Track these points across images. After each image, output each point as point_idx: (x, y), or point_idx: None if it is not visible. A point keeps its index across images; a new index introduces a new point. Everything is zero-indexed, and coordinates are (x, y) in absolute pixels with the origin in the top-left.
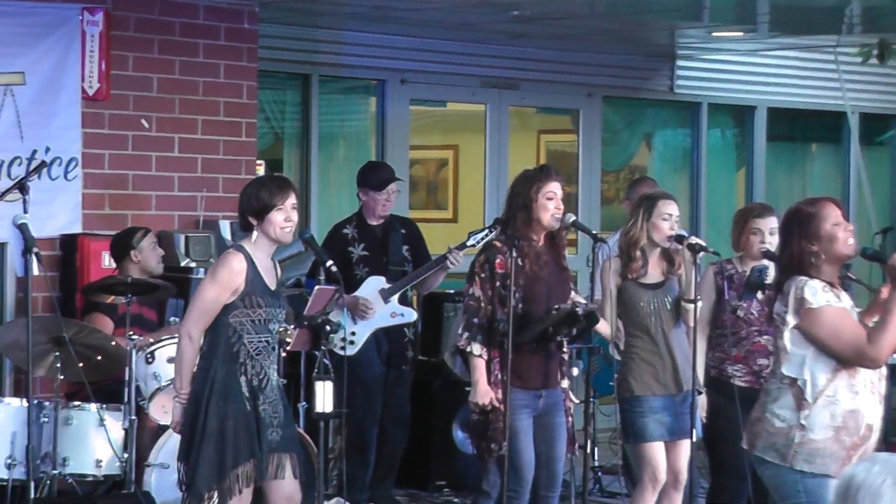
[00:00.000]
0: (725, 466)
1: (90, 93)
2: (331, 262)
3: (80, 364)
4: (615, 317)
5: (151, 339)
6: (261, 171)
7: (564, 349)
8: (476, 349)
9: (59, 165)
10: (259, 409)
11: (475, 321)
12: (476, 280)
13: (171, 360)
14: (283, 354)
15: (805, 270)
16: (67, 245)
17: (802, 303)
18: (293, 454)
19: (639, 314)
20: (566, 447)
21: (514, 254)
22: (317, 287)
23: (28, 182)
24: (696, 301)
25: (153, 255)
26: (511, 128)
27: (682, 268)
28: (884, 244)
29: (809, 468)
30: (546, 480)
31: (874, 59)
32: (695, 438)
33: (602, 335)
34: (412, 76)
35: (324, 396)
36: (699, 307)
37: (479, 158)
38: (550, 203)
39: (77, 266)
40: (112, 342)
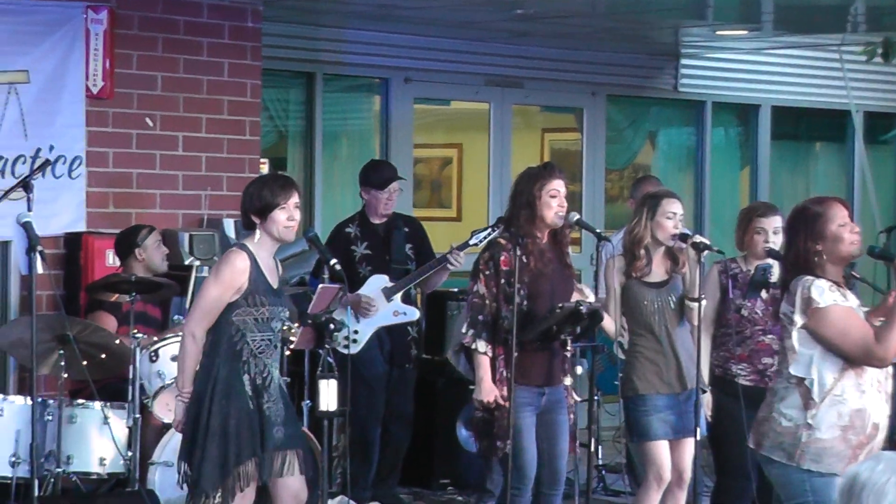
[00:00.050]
0: (730, 465)
1: (94, 91)
2: (335, 261)
3: (84, 362)
4: (619, 315)
5: (156, 339)
6: (265, 170)
7: (568, 347)
8: (481, 346)
9: (63, 164)
10: (263, 407)
11: (480, 318)
12: (481, 277)
13: (175, 359)
14: (287, 353)
15: (810, 269)
16: (71, 243)
17: (809, 302)
18: (299, 451)
19: (643, 313)
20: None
21: (519, 251)
22: (321, 285)
23: (32, 180)
24: (700, 300)
25: (157, 254)
26: (515, 126)
27: (686, 266)
28: (888, 243)
29: (817, 467)
30: (549, 478)
31: (879, 58)
32: (699, 437)
33: (607, 333)
34: (416, 75)
35: (328, 395)
36: (703, 306)
37: (483, 157)
38: (554, 201)
39: (81, 264)
40: (116, 340)
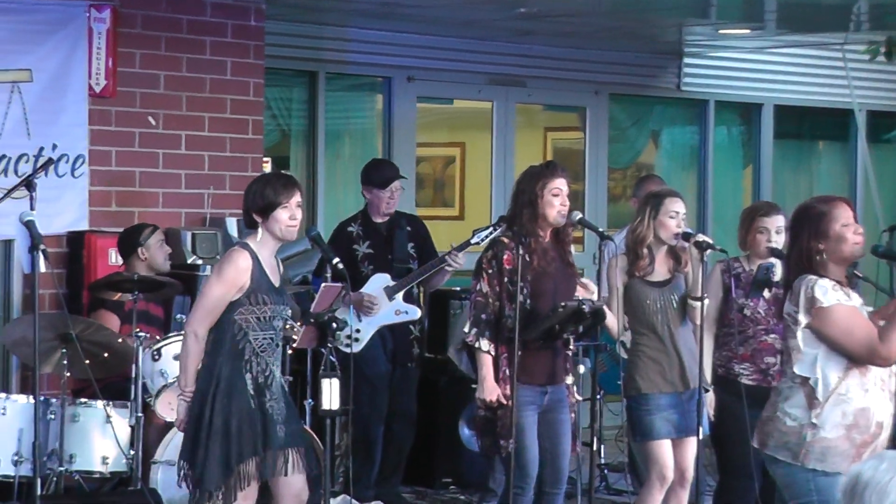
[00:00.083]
0: (733, 465)
1: (97, 90)
2: (337, 260)
3: (87, 361)
4: (622, 314)
5: (159, 338)
6: (267, 168)
7: (570, 346)
8: (484, 345)
9: (66, 162)
10: (266, 406)
11: (483, 317)
12: (484, 276)
13: (178, 358)
14: (290, 352)
15: (813, 269)
16: (74, 242)
17: (813, 302)
18: (301, 449)
19: (645, 312)
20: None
21: (521, 250)
22: (323, 284)
23: (35, 179)
24: (703, 299)
25: (160, 252)
26: (518, 125)
27: (689, 265)
28: (891, 242)
29: (821, 466)
30: (551, 477)
31: (882, 57)
32: (701, 436)
33: (610, 332)
34: (419, 73)
35: (330, 394)
36: (706, 305)
37: (486, 156)
38: (556, 199)
39: (84, 263)
40: (119, 339)
